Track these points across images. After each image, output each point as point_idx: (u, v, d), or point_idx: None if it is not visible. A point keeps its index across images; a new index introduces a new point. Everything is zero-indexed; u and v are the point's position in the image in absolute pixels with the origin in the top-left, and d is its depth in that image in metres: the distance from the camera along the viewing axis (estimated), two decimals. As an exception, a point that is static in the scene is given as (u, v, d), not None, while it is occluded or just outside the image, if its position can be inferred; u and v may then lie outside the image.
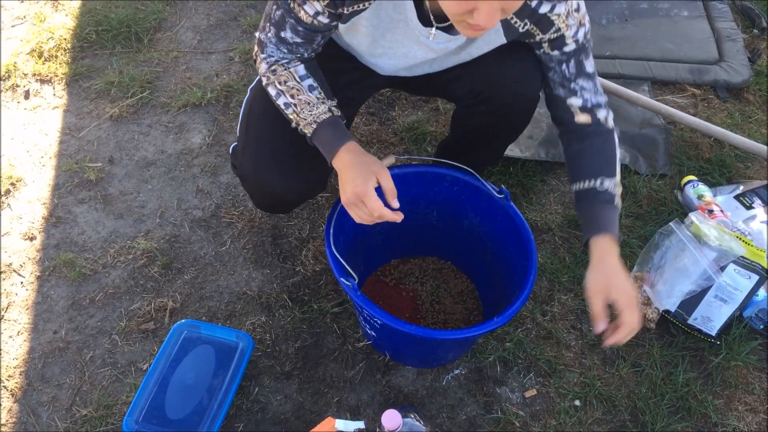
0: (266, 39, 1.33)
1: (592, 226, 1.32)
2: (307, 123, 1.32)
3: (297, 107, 1.32)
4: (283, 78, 1.33)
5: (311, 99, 1.32)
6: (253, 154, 1.45)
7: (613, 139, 1.40)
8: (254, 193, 1.54)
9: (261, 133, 1.46)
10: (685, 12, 2.53)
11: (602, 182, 1.33)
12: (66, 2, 2.52)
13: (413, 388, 1.62)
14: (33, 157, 2.03)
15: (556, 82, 1.37)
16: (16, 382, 1.59)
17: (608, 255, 1.29)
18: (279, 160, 1.44)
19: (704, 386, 1.65)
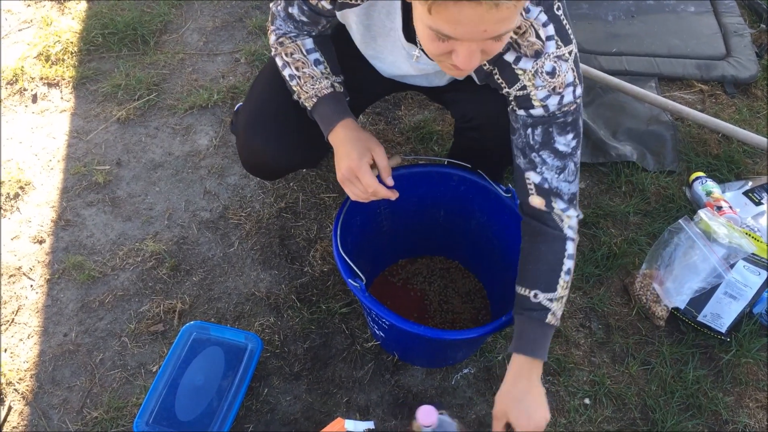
0: (276, 11, 1.34)
1: (516, 341, 1.25)
2: (308, 96, 1.32)
3: (300, 80, 1.33)
4: (290, 50, 1.34)
5: (315, 73, 1.32)
6: (248, 114, 1.48)
7: (562, 248, 1.26)
8: (242, 151, 1.54)
9: (261, 96, 1.48)
10: (691, 8, 2.52)
11: (536, 295, 1.24)
12: (72, 5, 2.53)
13: (422, 388, 1.62)
14: (41, 160, 2.04)
15: (518, 147, 1.25)
16: (27, 384, 1.60)
17: (520, 377, 1.24)
18: (270, 123, 1.45)
19: (714, 383, 1.64)
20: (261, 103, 1.48)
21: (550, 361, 1.65)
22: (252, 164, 1.58)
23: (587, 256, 1.85)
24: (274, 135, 1.45)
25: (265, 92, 1.48)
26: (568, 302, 1.76)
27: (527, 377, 1.24)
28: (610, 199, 1.98)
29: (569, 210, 1.25)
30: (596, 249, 1.86)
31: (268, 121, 1.46)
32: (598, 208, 1.94)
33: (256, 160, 1.54)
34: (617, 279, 1.82)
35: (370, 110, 2.19)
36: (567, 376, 1.64)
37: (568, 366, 1.65)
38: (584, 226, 1.91)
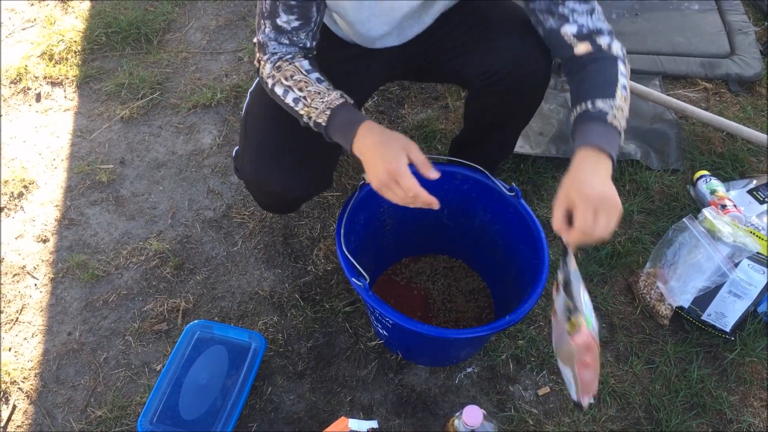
0: (265, 38, 1.30)
1: (575, 141, 1.19)
2: (320, 111, 1.24)
3: (307, 99, 1.25)
4: (289, 73, 1.28)
5: (321, 89, 1.25)
6: (252, 156, 1.45)
7: (615, 64, 1.24)
8: (257, 194, 1.54)
9: (260, 135, 1.45)
10: (695, 5, 2.52)
11: (594, 103, 1.19)
12: (76, 4, 2.53)
13: (426, 387, 1.62)
14: (45, 159, 2.05)
15: (544, 10, 1.26)
16: (31, 384, 1.60)
17: (583, 162, 1.15)
18: (278, 159, 1.43)
19: (719, 382, 1.64)
20: (259, 141, 1.44)
21: (553, 360, 1.65)
22: (269, 204, 1.58)
23: (591, 255, 1.84)
24: (283, 169, 1.42)
25: (260, 128, 1.45)
26: (571, 301, 1.76)
27: (591, 161, 1.14)
28: (614, 197, 1.98)
29: (613, 42, 1.26)
30: (600, 248, 1.85)
31: (273, 156, 1.42)
32: (602, 207, 1.94)
33: (271, 200, 1.53)
34: (621, 278, 1.82)
35: (372, 109, 2.19)
36: (571, 375, 1.63)
37: (572, 365, 1.65)
38: (588, 224, 1.91)
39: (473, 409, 1.26)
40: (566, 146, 2.04)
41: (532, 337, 1.69)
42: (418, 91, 2.25)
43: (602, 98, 1.19)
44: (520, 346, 1.67)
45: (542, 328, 1.71)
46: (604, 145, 1.15)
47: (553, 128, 2.08)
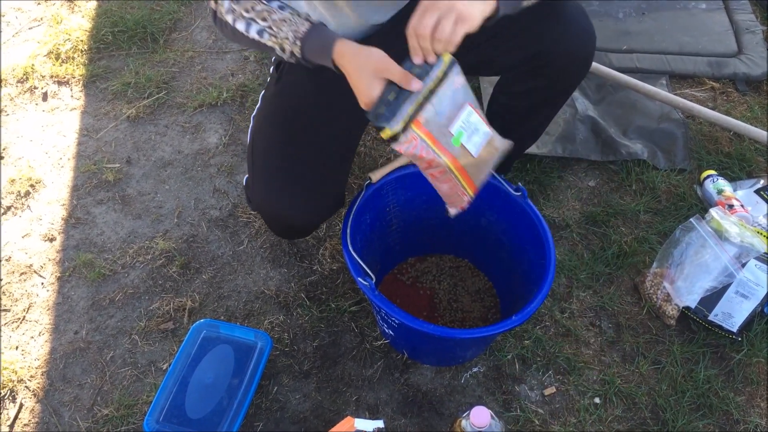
0: None
1: None
2: (290, 42, 1.19)
3: (273, 28, 1.19)
4: (249, 4, 1.20)
5: (285, 16, 1.19)
6: (262, 186, 1.43)
7: None
8: (271, 223, 1.54)
9: (268, 163, 1.43)
10: (702, 4, 2.51)
11: None
12: (82, 3, 2.54)
13: (432, 387, 1.62)
14: (52, 158, 2.05)
15: None
16: (38, 382, 1.61)
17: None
18: (289, 187, 1.41)
19: (726, 383, 1.64)
20: (267, 169, 1.43)
21: (559, 360, 1.65)
22: (283, 231, 1.58)
23: (597, 255, 1.84)
24: (294, 197, 1.41)
25: (267, 156, 1.44)
26: (577, 301, 1.76)
27: None
28: (621, 197, 1.98)
29: None
30: (606, 248, 1.85)
31: (282, 185, 1.41)
32: (609, 207, 1.94)
33: (289, 228, 1.53)
34: (627, 278, 1.81)
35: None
36: (577, 375, 1.63)
37: (578, 365, 1.65)
38: (594, 224, 1.90)
39: (481, 409, 1.26)
40: (572, 146, 2.04)
41: (538, 336, 1.68)
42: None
43: None
44: (525, 346, 1.67)
45: (548, 328, 1.71)
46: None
47: (559, 128, 2.08)
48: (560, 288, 1.79)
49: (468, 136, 1.19)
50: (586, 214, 1.93)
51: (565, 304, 1.75)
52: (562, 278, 1.80)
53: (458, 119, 1.17)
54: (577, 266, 1.82)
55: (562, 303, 1.76)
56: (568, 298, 1.77)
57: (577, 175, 2.03)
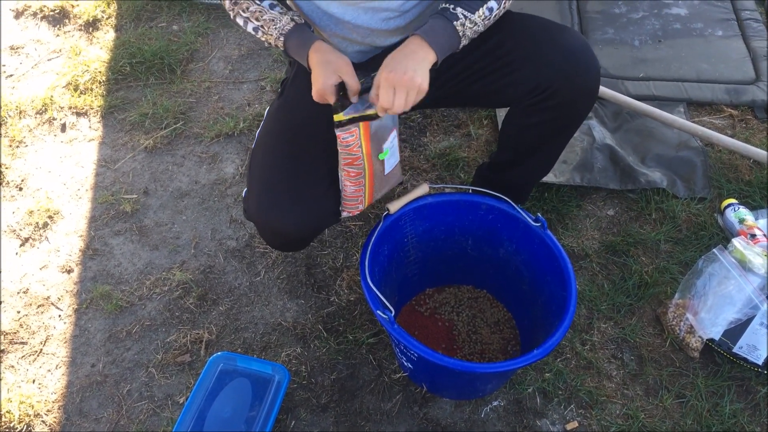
0: None
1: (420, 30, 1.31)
2: (275, 38, 1.38)
3: (264, 27, 1.38)
4: (244, 5, 1.39)
5: (274, 15, 1.38)
6: (256, 196, 1.46)
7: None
8: (264, 233, 1.53)
9: (263, 175, 1.46)
10: (719, 31, 2.50)
11: (455, 8, 1.31)
12: (101, 35, 2.56)
13: (451, 421, 1.59)
14: (70, 189, 2.06)
15: None
16: (54, 416, 1.60)
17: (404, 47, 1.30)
18: (281, 199, 1.43)
19: (752, 417, 1.60)
20: (263, 181, 1.46)
21: (581, 394, 1.62)
22: (278, 243, 1.57)
23: (618, 285, 1.82)
24: (288, 208, 1.43)
25: (265, 169, 1.47)
26: (598, 332, 1.73)
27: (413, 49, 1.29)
28: (641, 226, 1.95)
29: None
30: (627, 278, 1.83)
31: (278, 198, 1.43)
32: (628, 236, 1.92)
33: (280, 239, 1.53)
34: (649, 309, 1.78)
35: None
36: (599, 409, 1.60)
37: (600, 399, 1.62)
38: (614, 254, 1.88)
39: None
40: (590, 174, 2.02)
41: (559, 369, 1.66)
42: (440, 119, 2.25)
43: (465, 10, 1.31)
44: (546, 379, 1.64)
45: (569, 361, 1.69)
46: (431, 39, 1.29)
47: (577, 156, 2.07)
48: (581, 319, 1.76)
49: (389, 156, 1.44)
50: (605, 243, 1.91)
51: (586, 336, 1.73)
52: (582, 309, 1.78)
53: (389, 140, 1.42)
54: (597, 297, 1.79)
55: (583, 335, 1.73)
56: (589, 329, 1.74)
57: (595, 204, 2.02)
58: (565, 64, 1.40)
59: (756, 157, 2.02)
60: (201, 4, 2.67)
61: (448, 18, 1.30)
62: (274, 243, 1.57)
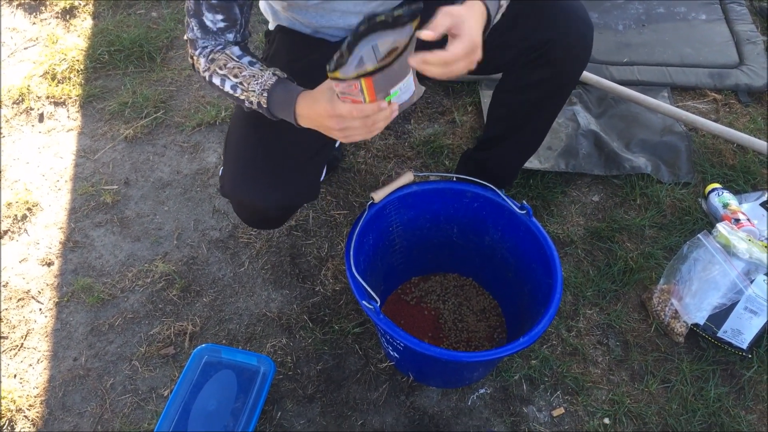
0: (194, 36, 1.31)
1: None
2: (258, 94, 1.27)
3: (244, 84, 1.29)
4: (222, 62, 1.30)
5: (255, 72, 1.29)
6: (231, 173, 1.44)
7: None
8: (240, 210, 1.51)
9: (238, 151, 1.45)
10: (703, 15, 2.49)
11: None
12: (78, 23, 2.52)
13: (438, 409, 1.59)
14: (49, 181, 2.03)
15: None
16: (37, 411, 1.57)
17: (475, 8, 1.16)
18: (257, 174, 1.41)
19: (736, 401, 1.61)
20: (239, 158, 1.44)
21: (567, 380, 1.62)
22: (253, 220, 1.55)
23: (603, 272, 1.82)
24: (263, 184, 1.41)
25: (240, 145, 1.45)
26: (584, 319, 1.73)
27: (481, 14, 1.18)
28: (625, 212, 1.95)
29: None
30: (612, 264, 1.83)
31: (253, 173, 1.41)
32: (613, 222, 1.91)
33: (255, 216, 1.51)
34: (634, 294, 1.79)
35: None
36: (585, 395, 1.61)
37: (586, 385, 1.62)
38: (599, 240, 1.88)
39: None
40: (575, 161, 2.01)
41: (546, 356, 1.66)
42: (424, 106, 2.23)
43: None
44: (533, 366, 1.64)
45: (555, 347, 1.69)
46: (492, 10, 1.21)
47: (562, 142, 2.06)
48: (566, 306, 1.76)
49: (399, 95, 1.23)
50: (590, 229, 1.91)
51: (572, 323, 1.73)
52: (568, 296, 1.78)
53: (400, 82, 1.20)
54: (583, 283, 1.79)
55: (569, 321, 1.73)
56: (575, 316, 1.74)
57: (580, 190, 2.01)
58: (562, 20, 1.41)
59: (739, 141, 2.02)
60: (180, -9, 2.63)
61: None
62: (250, 220, 1.55)
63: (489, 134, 1.71)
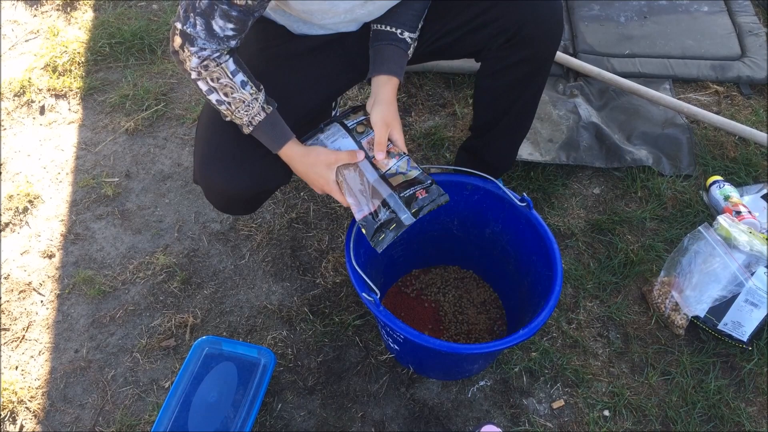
0: (194, 33, 1.23)
1: (385, 65, 1.43)
2: (243, 123, 1.34)
3: (231, 105, 1.31)
4: (215, 75, 1.28)
5: (245, 97, 1.31)
6: (200, 157, 1.43)
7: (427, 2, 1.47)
8: (208, 194, 1.50)
9: (207, 136, 1.44)
10: (705, 7, 2.48)
11: (402, 32, 1.43)
12: (79, 15, 2.51)
13: (438, 401, 1.59)
14: (50, 173, 2.03)
15: None
16: (38, 403, 1.58)
17: (394, 96, 1.44)
18: (221, 158, 1.40)
19: (737, 393, 1.61)
20: (208, 143, 1.43)
21: (567, 372, 1.62)
22: (224, 204, 1.53)
23: (603, 264, 1.82)
24: (231, 166, 1.40)
25: (209, 130, 1.43)
26: (584, 311, 1.73)
27: (395, 96, 1.45)
28: (626, 204, 1.95)
29: None
30: (613, 256, 1.83)
31: (221, 156, 1.40)
32: (614, 214, 1.91)
33: (225, 201, 1.49)
34: (635, 287, 1.79)
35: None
36: (585, 387, 1.61)
37: (587, 377, 1.62)
38: (600, 232, 1.88)
39: (491, 429, 1.23)
40: (576, 153, 2.01)
41: (546, 348, 1.66)
42: (425, 99, 2.23)
43: (409, 32, 1.44)
44: (533, 358, 1.65)
45: (555, 340, 1.69)
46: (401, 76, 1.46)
47: (563, 135, 2.05)
48: (567, 298, 1.76)
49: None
50: (591, 222, 1.91)
51: (572, 315, 1.73)
52: (568, 288, 1.78)
53: None
54: (583, 276, 1.79)
55: (569, 313, 1.73)
56: (575, 308, 1.74)
57: (581, 183, 2.01)
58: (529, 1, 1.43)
59: (740, 133, 2.02)
60: (181, -17, 2.62)
61: (403, 49, 1.44)
62: (220, 205, 1.54)
63: (478, 122, 1.71)
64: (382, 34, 1.43)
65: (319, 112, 1.57)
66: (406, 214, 1.33)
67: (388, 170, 1.38)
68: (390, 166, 1.39)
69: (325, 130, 1.43)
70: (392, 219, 1.33)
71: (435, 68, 2.26)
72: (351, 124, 1.43)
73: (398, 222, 1.33)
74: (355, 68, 1.52)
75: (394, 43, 1.43)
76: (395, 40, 1.43)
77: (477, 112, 1.71)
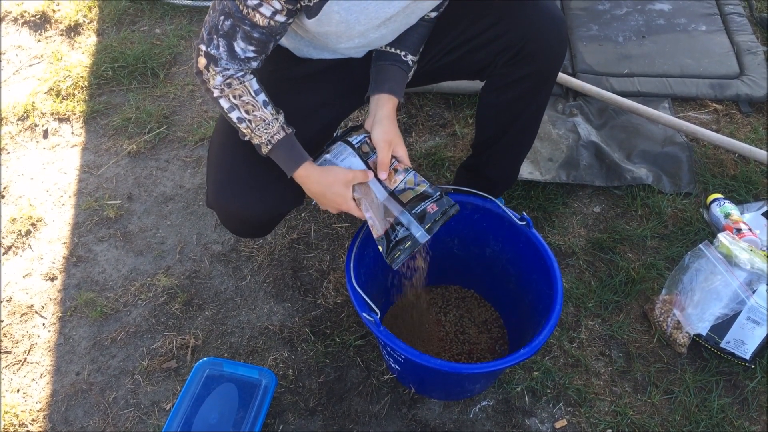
0: (218, 54, 1.28)
1: (386, 84, 1.45)
2: (262, 142, 1.35)
3: (252, 123, 1.33)
4: (238, 92, 1.32)
5: (266, 116, 1.33)
6: (214, 182, 1.45)
7: (431, 26, 1.49)
8: (225, 219, 1.52)
9: (220, 160, 1.46)
10: (703, 26, 2.50)
11: (405, 55, 1.46)
12: (82, 40, 2.54)
13: (440, 422, 1.58)
14: (53, 196, 2.04)
15: None
16: (39, 426, 1.58)
17: (394, 116, 1.45)
18: (236, 182, 1.42)
19: (740, 412, 1.60)
20: (221, 167, 1.45)
21: (569, 391, 1.62)
22: (239, 229, 1.55)
23: (605, 282, 1.81)
24: (246, 191, 1.42)
25: (222, 154, 1.45)
26: (586, 330, 1.73)
27: (395, 115, 1.47)
28: (627, 223, 1.95)
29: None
30: (614, 275, 1.82)
31: (236, 181, 1.42)
32: (615, 233, 1.91)
33: (240, 225, 1.51)
34: (636, 305, 1.78)
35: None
36: (588, 407, 1.60)
37: (589, 396, 1.62)
38: (601, 251, 1.88)
39: None
40: (576, 172, 2.02)
41: (548, 367, 1.65)
42: (426, 119, 2.24)
43: (412, 54, 1.47)
44: (535, 378, 1.64)
45: (557, 359, 1.68)
46: (402, 97, 1.48)
47: (563, 154, 2.06)
48: (568, 317, 1.76)
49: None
50: (592, 240, 1.91)
51: (574, 334, 1.73)
52: (569, 307, 1.78)
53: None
54: (584, 294, 1.79)
55: (571, 332, 1.73)
56: (577, 327, 1.74)
57: (581, 201, 2.01)
58: (533, 16, 1.45)
59: (740, 151, 2.03)
60: (184, 7, 2.65)
61: (404, 70, 1.46)
62: (236, 229, 1.55)
63: (481, 138, 1.72)
64: (385, 54, 1.45)
65: (325, 136, 1.57)
66: (420, 231, 1.34)
67: (396, 187, 1.39)
68: (398, 182, 1.40)
69: (330, 150, 1.43)
70: (407, 236, 1.35)
71: (435, 88, 2.27)
72: (355, 141, 1.44)
73: (413, 240, 1.34)
74: (359, 92, 1.54)
75: (397, 63, 1.45)
76: (398, 61, 1.45)
77: (479, 127, 1.72)
